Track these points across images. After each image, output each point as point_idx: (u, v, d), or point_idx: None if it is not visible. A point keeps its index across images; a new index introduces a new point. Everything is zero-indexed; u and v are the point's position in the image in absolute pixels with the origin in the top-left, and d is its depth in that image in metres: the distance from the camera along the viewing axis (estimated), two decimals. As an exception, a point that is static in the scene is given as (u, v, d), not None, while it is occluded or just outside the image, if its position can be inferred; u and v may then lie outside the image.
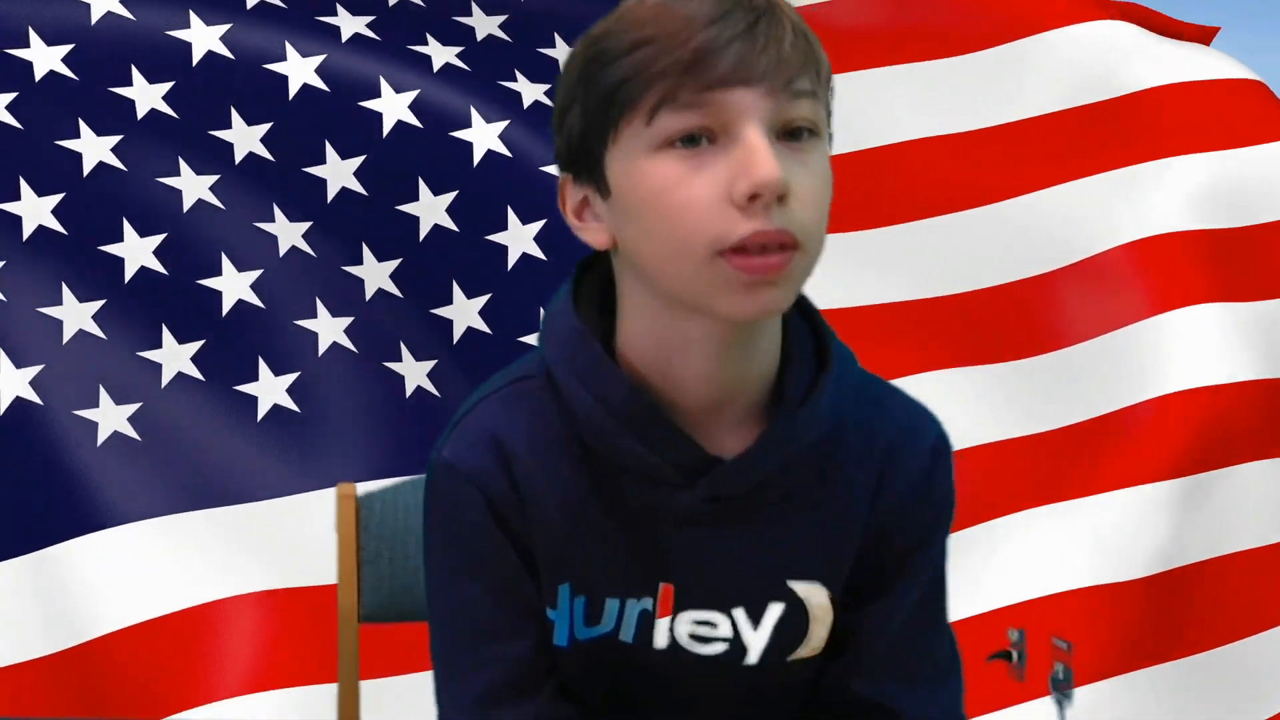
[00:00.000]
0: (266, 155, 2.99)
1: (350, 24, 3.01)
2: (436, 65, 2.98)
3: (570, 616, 1.49)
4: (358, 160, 2.97)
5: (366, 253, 2.99)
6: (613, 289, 1.48)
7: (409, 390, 3.01)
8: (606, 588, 1.48)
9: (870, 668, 1.52)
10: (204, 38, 2.93)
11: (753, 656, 1.50)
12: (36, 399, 2.88)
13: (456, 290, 2.99)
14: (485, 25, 3.10)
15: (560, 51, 3.08)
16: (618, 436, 1.42)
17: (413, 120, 2.95)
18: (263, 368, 2.96)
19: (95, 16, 2.94)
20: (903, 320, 3.14)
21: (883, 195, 3.16)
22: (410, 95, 2.95)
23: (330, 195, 2.99)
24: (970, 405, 3.10)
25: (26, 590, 2.89)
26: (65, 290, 2.91)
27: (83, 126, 2.92)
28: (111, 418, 2.93)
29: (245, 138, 2.97)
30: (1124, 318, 3.07)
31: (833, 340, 1.48)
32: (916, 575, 1.51)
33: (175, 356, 2.95)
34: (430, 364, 2.98)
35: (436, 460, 1.48)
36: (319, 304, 2.97)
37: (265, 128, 2.98)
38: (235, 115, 2.96)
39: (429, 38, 3.03)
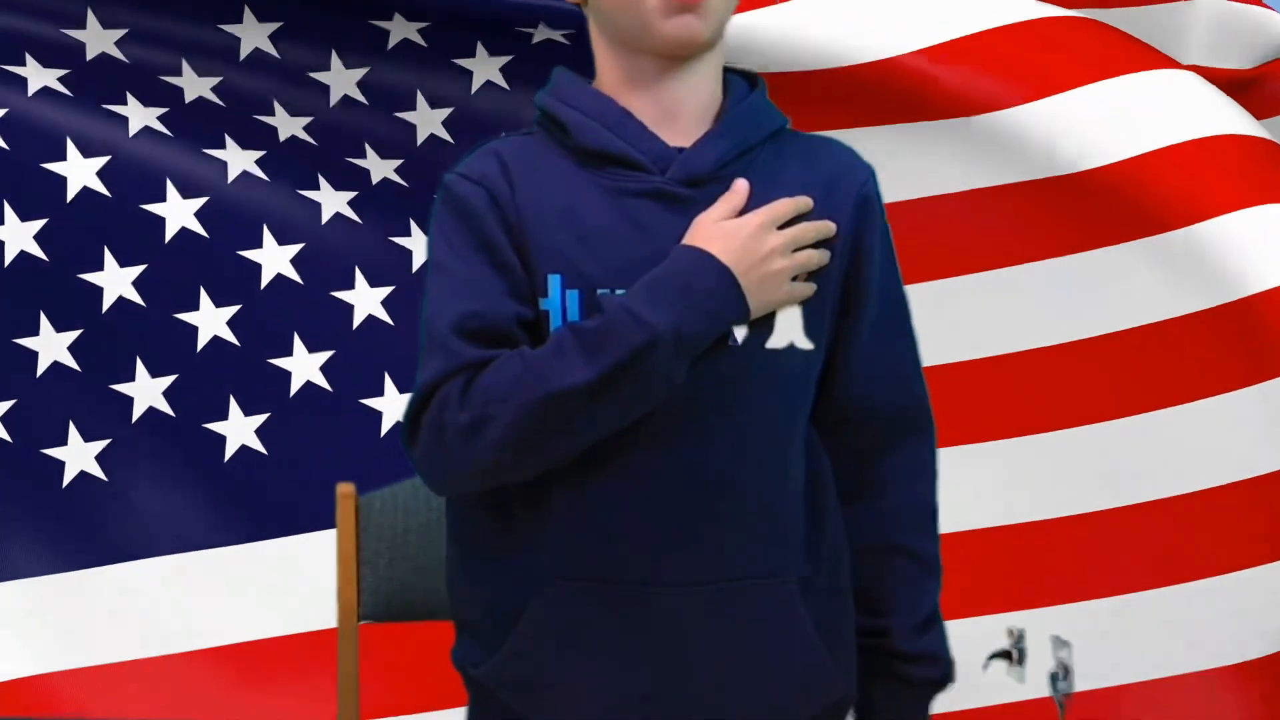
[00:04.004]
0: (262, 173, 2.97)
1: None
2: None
3: (563, 308, 1.74)
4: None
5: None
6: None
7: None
8: (598, 277, 1.74)
9: (847, 374, 1.83)
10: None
11: (737, 335, 1.75)
12: None
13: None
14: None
15: None
16: (599, 133, 1.77)
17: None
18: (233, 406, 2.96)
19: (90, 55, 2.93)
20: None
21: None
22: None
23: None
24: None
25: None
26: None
27: (70, 148, 2.92)
28: (79, 456, 2.93)
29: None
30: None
31: (765, 87, 1.86)
32: (871, 289, 1.83)
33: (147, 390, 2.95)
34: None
35: (447, 179, 1.80)
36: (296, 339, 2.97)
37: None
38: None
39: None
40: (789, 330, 1.79)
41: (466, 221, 1.77)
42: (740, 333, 1.76)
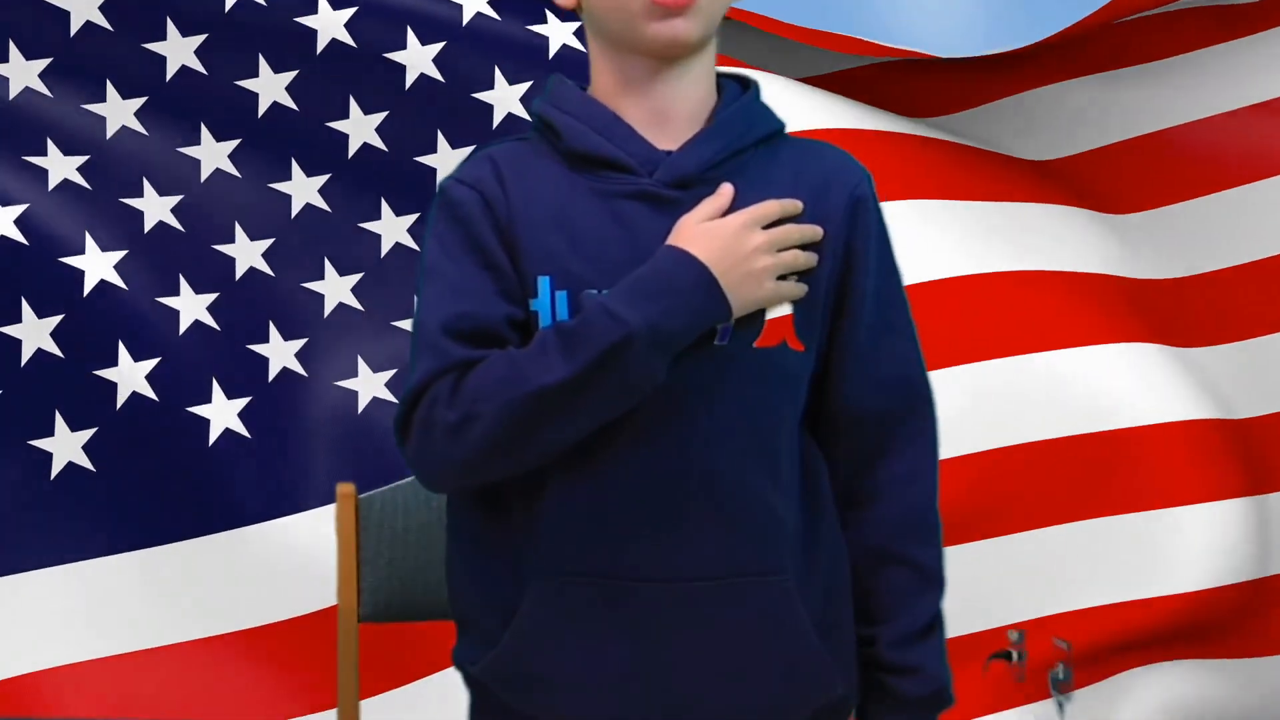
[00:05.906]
0: (233, 172, 2.99)
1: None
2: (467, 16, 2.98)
3: (553, 309, 1.78)
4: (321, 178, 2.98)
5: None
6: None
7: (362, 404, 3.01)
8: (587, 277, 1.78)
9: (843, 378, 1.86)
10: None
11: (720, 336, 1.79)
12: None
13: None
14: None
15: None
16: (588, 136, 1.82)
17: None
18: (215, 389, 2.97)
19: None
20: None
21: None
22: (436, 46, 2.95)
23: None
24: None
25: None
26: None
27: (50, 145, 2.94)
28: (67, 445, 2.94)
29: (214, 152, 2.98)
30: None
31: (759, 90, 1.89)
32: (866, 292, 1.85)
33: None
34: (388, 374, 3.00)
35: (443, 183, 1.84)
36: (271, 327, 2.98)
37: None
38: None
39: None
40: (779, 330, 1.81)
41: (460, 225, 1.81)
42: (724, 331, 1.79)
